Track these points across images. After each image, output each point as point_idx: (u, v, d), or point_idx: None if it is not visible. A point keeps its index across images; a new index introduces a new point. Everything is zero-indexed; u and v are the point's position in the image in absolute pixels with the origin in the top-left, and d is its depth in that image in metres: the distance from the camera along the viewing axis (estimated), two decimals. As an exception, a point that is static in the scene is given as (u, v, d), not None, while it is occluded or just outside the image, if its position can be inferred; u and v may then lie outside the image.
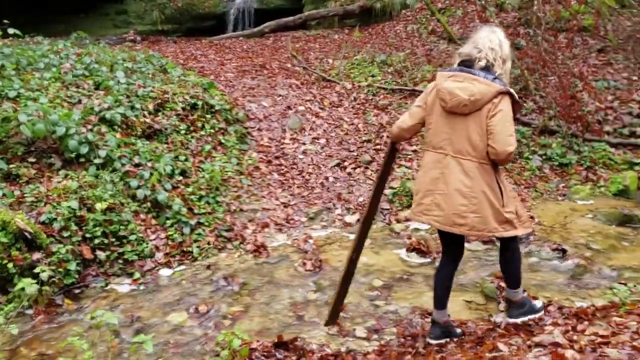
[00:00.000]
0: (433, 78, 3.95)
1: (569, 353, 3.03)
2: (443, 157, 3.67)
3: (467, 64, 3.70)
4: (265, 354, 3.76)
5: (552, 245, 5.85)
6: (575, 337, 3.37)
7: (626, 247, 5.89)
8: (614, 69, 10.52)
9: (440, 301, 3.96)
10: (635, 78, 10.15)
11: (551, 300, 4.56)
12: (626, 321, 3.62)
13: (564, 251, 5.72)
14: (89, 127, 6.31)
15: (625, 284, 4.81)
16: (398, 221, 6.69)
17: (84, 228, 5.32)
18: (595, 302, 4.48)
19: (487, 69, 3.64)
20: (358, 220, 6.69)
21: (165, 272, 5.49)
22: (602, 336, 3.33)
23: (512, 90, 3.60)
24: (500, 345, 3.44)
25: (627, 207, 6.87)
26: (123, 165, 6.16)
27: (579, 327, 3.61)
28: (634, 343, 3.11)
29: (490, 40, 3.69)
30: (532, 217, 6.60)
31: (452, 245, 3.97)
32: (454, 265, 4.01)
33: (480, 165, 3.60)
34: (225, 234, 6.12)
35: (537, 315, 4.05)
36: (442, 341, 3.92)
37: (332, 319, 4.39)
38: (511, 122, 3.58)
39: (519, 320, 4.00)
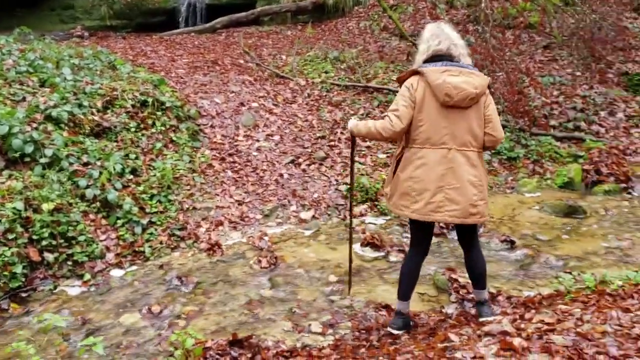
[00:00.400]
0: (403, 76, 3.86)
1: (516, 341, 3.11)
2: (447, 151, 3.69)
3: (446, 58, 3.76)
4: (220, 352, 3.74)
5: (501, 236, 6.00)
6: (522, 326, 3.47)
7: (571, 238, 6.08)
8: (559, 65, 10.84)
9: (407, 293, 4.02)
10: (579, 74, 10.48)
11: (500, 290, 4.67)
12: (571, 308, 3.74)
13: (512, 242, 5.87)
14: (34, 125, 6.15)
15: (570, 273, 4.95)
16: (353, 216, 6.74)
17: (30, 229, 5.19)
18: (542, 291, 4.61)
19: (468, 62, 3.84)
20: (313, 216, 6.72)
21: (116, 272, 5.40)
22: (548, 323, 3.43)
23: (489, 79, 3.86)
24: (452, 336, 3.51)
25: (572, 198, 7.09)
26: (71, 164, 6.03)
27: (527, 316, 3.72)
28: (578, 329, 3.21)
29: (458, 36, 3.87)
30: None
31: (429, 238, 4.06)
32: (424, 258, 4.07)
33: (479, 154, 3.81)
34: (178, 232, 6.06)
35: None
36: (402, 332, 3.97)
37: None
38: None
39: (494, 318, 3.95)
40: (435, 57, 3.77)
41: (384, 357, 3.40)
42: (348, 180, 7.27)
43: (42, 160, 5.84)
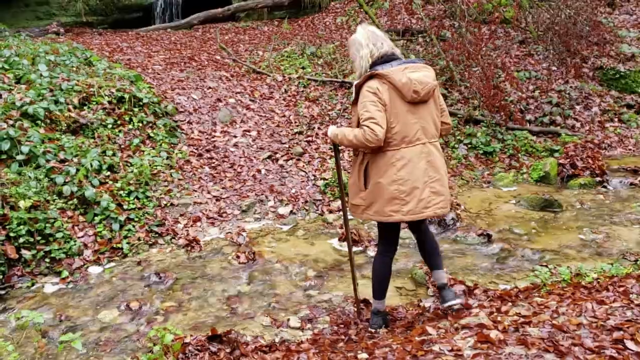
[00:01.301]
0: (363, 80, 3.72)
1: (493, 333, 3.16)
2: (422, 146, 3.73)
3: (394, 57, 3.79)
4: (199, 347, 3.75)
5: (478, 230, 6.07)
6: (499, 318, 3.52)
7: (547, 231, 6.16)
8: (535, 59, 10.96)
9: (384, 291, 4.07)
10: (554, 68, 10.61)
11: (477, 284, 4.73)
12: (547, 301, 3.80)
13: (489, 236, 5.94)
14: (10, 122, 6.09)
15: (546, 266, 5.04)
16: (330, 211, 6.78)
17: (7, 227, 5.14)
18: (519, 284, 4.69)
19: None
20: (291, 211, 6.73)
21: (94, 269, 5.37)
22: (524, 316, 3.49)
23: None
24: (429, 329, 3.56)
25: (548, 192, 7.19)
26: (48, 161, 5.98)
27: (503, 309, 3.77)
28: (554, 321, 3.27)
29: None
30: (458, 204, 6.81)
31: (398, 235, 4.11)
32: (394, 254, 4.12)
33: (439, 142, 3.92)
34: (156, 229, 6.04)
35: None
36: (382, 329, 4.02)
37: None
38: None
39: (459, 301, 4.06)
40: (384, 58, 3.77)
41: (362, 351, 3.43)
42: (325, 175, 7.31)
43: (19, 157, 5.78)
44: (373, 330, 4.03)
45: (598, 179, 7.64)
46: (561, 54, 10.76)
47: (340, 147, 4.35)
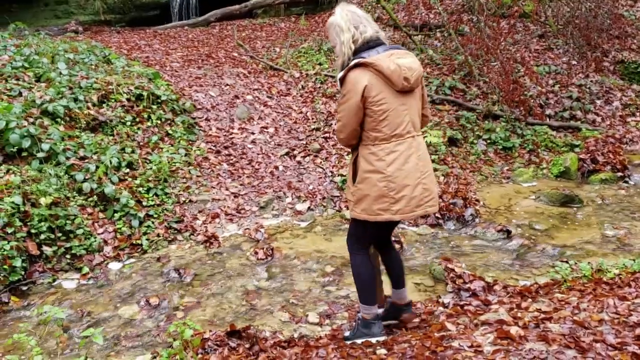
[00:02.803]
0: (347, 72, 3.38)
1: (513, 329, 3.14)
2: (412, 139, 3.44)
3: (380, 42, 3.44)
4: (218, 342, 3.76)
5: (497, 226, 6.02)
6: (519, 314, 3.49)
7: (567, 227, 6.10)
8: (554, 54, 10.85)
9: (375, 296, 3.79)
10: (574, 62, 10.49)
11: (497, 280, 4.70)
12: (567, 297, 3.77)
13: (508, 232, 5.89)
14: (31, 120, 6.16)
15: (566, 262, 4.98)
16: (348, 207, 6.76)
17: (28, 223, 5.20)
18: (539, 280, 4.64)
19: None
20: (309, 208, 6.73)
21: (114, 265, 5.42)
22: (544, 312, 3.46)
23: None
24: (449, 325, 3.54)
25: (568, 187, 7.12)
26: (68, 158, 6.03)
27: (523, 305, 3.74)
28: (575, 317, 3.24)
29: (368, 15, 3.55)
30: (477, 200, 6.76)
31: (383, 233, 3.82)
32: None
33: None
34: (175, 225, 6.07)
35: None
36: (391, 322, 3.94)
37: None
38: None
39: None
40: (369, 44, 3.41)
41: (381, 347, 3.42)
42: (343, 171, 7.29)
43: (40, 155, 5.84)
44: (379, 339, 3.62)
45: (619, 174, 7.54)
46: (581, 48, 10.64)
47: None
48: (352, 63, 3.35)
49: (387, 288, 3.97)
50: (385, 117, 3.36)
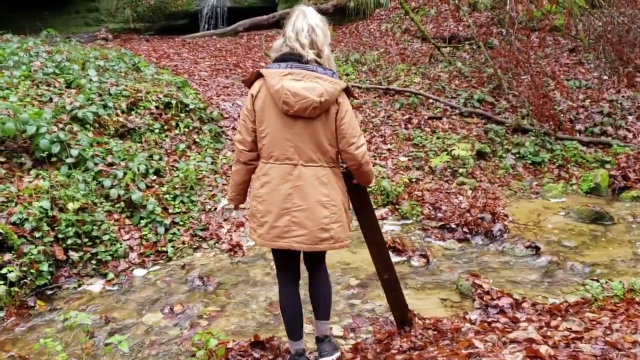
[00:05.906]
0: (251, 78, 3.24)
1: (543, 349, 3.05)
2: (292, 168, 3.17)
3: (294, 58, 3.14)
4: (241, 353, 3.74)
5: (526, 242, 5.91)
6: (549, 333, 3.41)
7: (598, 244, 5.98)
8: (585, 68, 10.71)
9: (295, 330, 3.58)
10: (605, 77, 10.34)
11: (525, 297, 4.60)
12: (599, 317, 3.67)
13: (537, 248, 5.78)
14: (61, 126, 6.23)
15: (597, 280, 4.86)
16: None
17: (56, 228, 5.24)
18: (568, 299, 4.53)
19: (318, 62, 3.19)
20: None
21: (139, 272, 5.43)
22: (575, 332, 3.37)
23: (347, 84, 3.31)
24: (476, 342, 3.46)
25: (599, 204, 6.98)
26: (96, 164, 6.09)
27: (553, 323, 3.65)
28: (607, 338, 3.15)
29: (312, 28, 3.17)
30: (506, 215, 6.66)
31: (293, 263, 3.52)
32: (296, 286, 3.58)
33: (332, 170, 3.28)
34: (200, 233, 6.07)
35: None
36: None
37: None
38: (356, 120, 3.28)
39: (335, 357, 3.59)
40: (286, 56, 3.17)
41: (407, 362, 3.36)
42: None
43: (68, 160, 5.90)
44: None
45: (652, 191, 7.40)
46: (613, 63, 10.47)
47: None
48: (256, 71, 3.22)
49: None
50: (266, 135, 3.18)
